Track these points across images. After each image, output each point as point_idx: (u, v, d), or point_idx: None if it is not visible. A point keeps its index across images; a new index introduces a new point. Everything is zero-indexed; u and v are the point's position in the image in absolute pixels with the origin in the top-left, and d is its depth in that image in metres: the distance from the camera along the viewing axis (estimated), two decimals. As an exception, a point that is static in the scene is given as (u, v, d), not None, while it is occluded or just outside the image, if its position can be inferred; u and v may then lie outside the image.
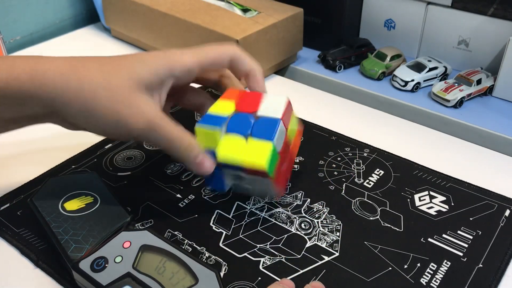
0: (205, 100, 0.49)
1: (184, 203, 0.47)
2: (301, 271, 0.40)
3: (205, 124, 0.42)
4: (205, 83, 0.48)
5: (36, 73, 0.38)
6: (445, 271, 0.40)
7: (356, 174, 0.51)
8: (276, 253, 0.42)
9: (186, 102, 0.49)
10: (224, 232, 0.44)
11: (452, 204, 0.47)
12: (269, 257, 0.42)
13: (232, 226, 0.45)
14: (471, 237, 0.43)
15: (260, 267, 0.41)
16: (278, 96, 0.44)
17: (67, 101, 0.38)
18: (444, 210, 0.46)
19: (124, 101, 0.39)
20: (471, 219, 0.45)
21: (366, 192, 0.48)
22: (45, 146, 0.55)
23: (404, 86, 0.64)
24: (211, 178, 0.44)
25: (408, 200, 0.47)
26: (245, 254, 0.42)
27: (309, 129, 0.58)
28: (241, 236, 0.44)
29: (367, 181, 0.50)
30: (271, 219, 0.45)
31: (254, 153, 0.41)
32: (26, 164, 0.53)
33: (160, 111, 0.41)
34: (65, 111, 0.39)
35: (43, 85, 0.38)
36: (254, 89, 0.46)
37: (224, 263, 0.41)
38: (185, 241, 0.43)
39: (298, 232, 0.44)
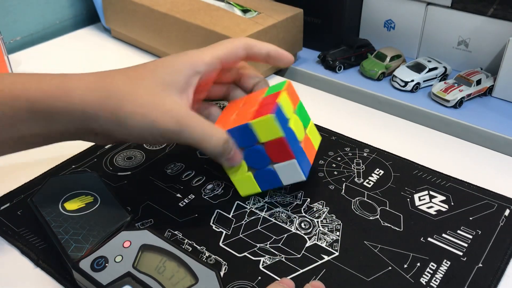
0: (231, 89, 0.50)
1: (184, 203, 0.47)
2: (301, 271, 0.40)
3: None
4: (226, 79, 0.49)
5: (64, 89, 0.39)
6: (445, 271, 0.40)
7: (356, 174, 0.51)
8: (276, 252, 0.42)
9: (212, 95, 0.50)
10: (224, 232, 0.44)
11: (452, 203, 0.47)
12: (269, 256, 0.42)
13: (232, 226, 0.45)
14: (471, 237, 0.43)
15: (260, 266, 0.41)
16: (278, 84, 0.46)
17: (96, 112, 0.39)
18: (444, 209, 0.46)
19: (151, 104, 0.39)
20: (471, 218, 0.45)
21: (366, 192, 0.48)
22: (45, 146, 0.55)
23: (404, 86, 0.64)
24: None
25: (408, 199, 0.48)
26: (245, 253, 0.42)
27: (309, 129, 0.58)
28: (241, 235, 0.44)
29: (367, 180, 0.50)
30: (271, 218, 0.45)
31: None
32: (26, 164, 0.53)
33: (189, 109, 0.41)
34: (95, 123, 0.40)
35: (72, 100, 0.39)
36: (280, 63, 0.47)
37: (224, 262, 0.41)
38: (185, 241, 0.43)
39: (298, 232, 0.44)
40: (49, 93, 0.39)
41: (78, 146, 0.54)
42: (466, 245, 0.43)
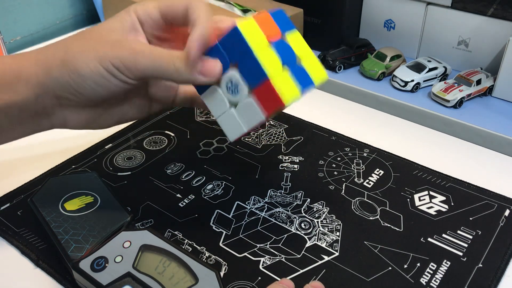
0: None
1: (184, 203, 0.47)
2: (301, 271, 0.40)
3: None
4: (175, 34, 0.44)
5: (21, 56, 0.39)
6: (445, 271, 0.40)
7: (356, 174, 0.51)
8: (276, 252, 0.42)
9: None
10: (224, 232, 0.44)
11: (452, 204, 0.47)
12: (269, 256, 0.42)
13: (232, 226, 0.45)
14: (471, 237, 0.43)
15: (260, 266, 0.41)
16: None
17: (48, 67, 0.38)
18: (444, 210, 0.46)
19: (100, 41, 0.38)
20: (470, 219, 0.45)
21: (366, 192, 0.48)
22: (45, 146, 0.55)
23: (404, 86, 0.64)
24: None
25: (408, 200, 0.48)
26: (245, 254, 0.42)
27: (309, 129, 0.58)
28: (241, 236, 0.44)
29: (367, 181, 0.50)
30: (271, 219, 0.45)
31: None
32: (26, 164, 0.53)
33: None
34: (49, 81, 0.38)
35: (27, 62, 0.38)
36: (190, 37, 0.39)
37: (224, 262, 0.41)
38: (185, 241, 0.43)
39: (298, 232, 0.44)
40: (5, 63, 0.38)
41: (78, 146, 0.54)
42: (466, 245, 0.43)
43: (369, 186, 0.49)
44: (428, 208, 0.47)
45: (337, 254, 0.42)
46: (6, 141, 0.42)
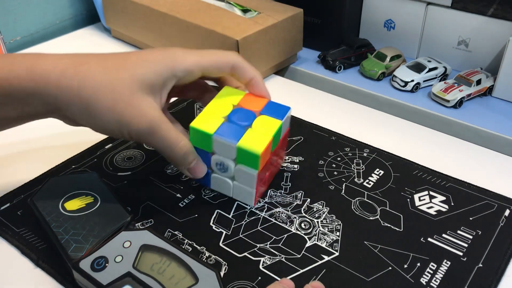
0: (205, 92, 0.49)
1: (184, 203, 0.47)
2: (301, 271, 0.40)
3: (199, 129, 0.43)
4: (206, 79, 0.48)
5: (36, 71, 0.38)
6: (445, 271, 0.40)
7: (356, 174, 0.51)
8: (276, 252, 0.42)
9: (185, 95, 0.50)
10: (224, 232, 0.44)
11: (452, 204, 0.47)
12: (269, 256, 0.42)
13: (232, 226, 0.45)
14: (471, 237, 0.43)
15: (260, 266, 0.41)
16: (282, 105, 0.46)
17: (69, 100, 0.38)
18: (444, 210, 0.46)
19: (126, 101, 0.39)
20: (471, 219, 0.45)
21: (366, 192, 0.48)
22: (45, 146, 0.55)
23: (404, 86, 0.64)
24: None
25: (408, 200, 0.48)
26: (245, 253, 0.42)
27: (309, 129, 0.58)
28: (241, 235, 0.44)
29: (367, 181, 0.50)
30: (271, 218, 0.45)
31: (252, 139, 0.42)
32: (26, 164, 0.53)
33: (161, 112, 0.41)
34: (66, 109, 0.39)
35: (44, 84, 0.38)
36: (260, 93, 0.46)
37: (224, 262, 0.41)
38: (185, 241, 0.43)
39: (298, 232, 0.44)
40: (22, 76, 0.37)
41: (78, 146, 0.54)
42: (466, 245, 0.43)
43: (369, 186, 0.49)
44: (428, 208, 0.47)
45: (337, 254, 0.42)
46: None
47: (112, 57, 0.41)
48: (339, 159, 0.53)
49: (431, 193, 0.48)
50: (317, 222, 0.45)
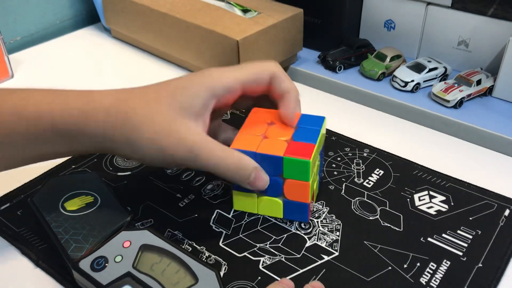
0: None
1: (184, 203, 0.47)
2: (301, 271, 0.40)
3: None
4: (250, 96, 0.46)
5: (88, 113, 0.39)
6: (444, 271, 0.40)
7: (356, 174, 0.51)
8: (276, 252, 0.42)
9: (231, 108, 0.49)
10: (224, 232, 0.44)
11: (452, 204, 0.47)
12: (269, 256, 0.42)
13: (232, 226, 0.45)
14: (470, 237, 0.43)
15: (260, 266, 0.41)
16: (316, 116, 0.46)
17: (114, 137, 0.39)
18: (443, 209, 0.46)
19: (166, 131, 0.39)
20: (470, 218, 0.45)
21: (366, 192, 0.48)
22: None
23: (404, 86, 0.64)
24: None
25: (408, 200, 0.48)
26: (245, 253, 0.42)
27: (309, 129, 0.58)
28: (241, 235, 0.44)
29: (367, 181, 0.50)
30: (271, 218, 0.45)
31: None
32: (26, 164, 0.53)
33: (204, 134, 0.40)
34: (112, 145, 0.40)
35: (94, 125, 0.39)
36: (286, 111, 0.44)
37: (224, 262, 0.41)
38: (185, 241, 0.43)
39: (298, 232, 0.44)
40: (74, 117, 0.39)
41: (78, 146, 0.54)
42: (466, 245, 0.43)
43: (369, 186, 0.49)
44: (428, 208, 0.47)
45: (337, 254, 0.42)
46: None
47: (153, 88, 0.41)
48: (339, 159, 0.53)
49: (431, 193, 0.48)
50: (317, 222, 0.45)
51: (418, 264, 0.41)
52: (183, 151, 0.39)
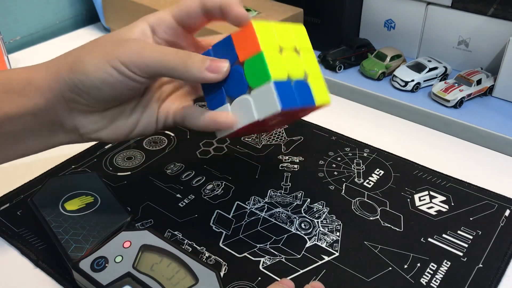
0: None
1: (184, 203, 0.47)
2: (301, 271, 0.40)
3: None
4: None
5: (31, 68, 0.39)
6: (445, 271, 0.40)
7: (356, 174, 0.51)
8: (276, 253, 0.42)
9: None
10: (224, 232, 0.44)
11: (452, 204, 0.47)
12: (269, 257, 0.42)
13: (232, 226, 0.45)
14: (471, 237, 0.43)
15: (260, 267, 0.41)
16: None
17: (57, 72, 0.38)
18: (444, 210, 0.46)
19: (112, 42, 0.38)
20: (471, 219, 0.45)
21: (366, 192, 0.48)
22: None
23: (404, 86, 0.63)
24: (213, 93, 0.39)
25: (408, 200, 0.47)
26: (245, 254, 0.42)
27: (309, 129, 0.58)
28: (241, 236, 0.44)
29: (367, 181, 0.50)
30: (271, 219, 0.45)
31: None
32: (26, 164, 0.53)
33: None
34: (58, 86, 0.38)
35: (36, 72, 0.39)
36: (235, 21, 0.39)
37: (224, 263, 0.41)
38: (185, 241, 0.43)
39: (298, 232, 0.44)
40: (18, 72, 0.39)
41: (78, 146, 0.54)
42: (466, 245, 0.43)
43: (369, 186, 0.49)
44: (428, 208, 0.47)
45: (337, 254, 0.42)
46: (19, 154, 0.42)
47: (93, 40, 0.41)
48: (339, 159, 0.53)
49: (431, 193, 0.48)
50: (317, 222, 0.45)
51: (419, 264, 0.41)
52: (134, 48, 0.37)
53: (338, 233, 0.44)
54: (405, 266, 0.41)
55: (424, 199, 0.48)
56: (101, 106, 0.39)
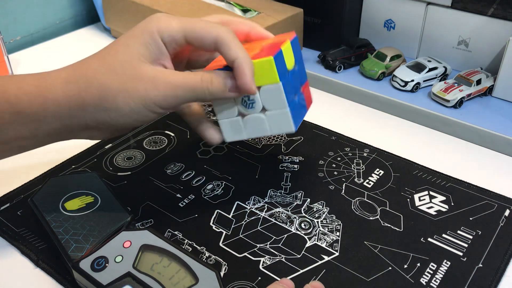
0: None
1: (184, 203, 0.47)
2: (301, 271, 0.40)
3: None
4: (196, 60, 0.46)
5: (44, 86, 0.38)
6: (445, 271, 0.40)
7: (356, 174, 0.51)
8: (276, 253, 0.42)
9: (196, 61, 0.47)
10: (224, 232, 0.44)
11: (452, 204, 0.47)
12: (269, 257, 0.42)
13: (232, 226, 0.45)
14: (471, 237, 0.43)
15: (260, 267, 0.41)
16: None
17: (81, 104, 0.38)
18: (444, 210, 0.46)
19: (136, 77, 0.38)
20: (471, 219, 0.45)
21: (366, 192, 0.48)
22: (45, 146, 0.55)
23: (404, 86, 0.64)
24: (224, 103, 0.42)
25: (408, 200, 0.48)
26: (245, 254, 0.42)
27: (309, 129, 0.58)
28: (241, 236, 0.44)
29: (367, 181, 0.50)
30: (271, 219, 0.45)
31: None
32: (26, 164, 0.53)
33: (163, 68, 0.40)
34: (83, 115, 0.39)
35: (53, 97, 0.38)
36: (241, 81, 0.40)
37: (224, 263, 0.41)
38: (185, 241, 0.43)
39: (298, 232, 0.44)
40: (29, 93, 0.38)
41: (78, 146, 0.54)
42: (466, 245, 0.43)
43: (369, 186, 0.49)
44: (428, 208, 0.47)
45: (337, 254, 0.42)
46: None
47: (106, 47, 0.41)
48: (339, 159, 0.53)
49: (431, 193, 0.48)
50: (317, 222, 0.45)
51: (418, 264, 0.41)
52: (167, 90, 0.38)
53: (338, 233, 0.44)
54: (405, 266, 0.41)
55: (424, 199, 0.48)
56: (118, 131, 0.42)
